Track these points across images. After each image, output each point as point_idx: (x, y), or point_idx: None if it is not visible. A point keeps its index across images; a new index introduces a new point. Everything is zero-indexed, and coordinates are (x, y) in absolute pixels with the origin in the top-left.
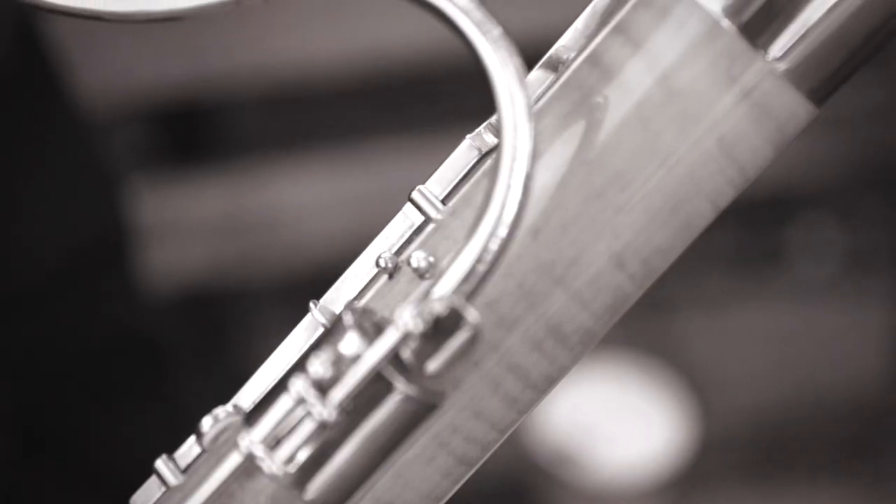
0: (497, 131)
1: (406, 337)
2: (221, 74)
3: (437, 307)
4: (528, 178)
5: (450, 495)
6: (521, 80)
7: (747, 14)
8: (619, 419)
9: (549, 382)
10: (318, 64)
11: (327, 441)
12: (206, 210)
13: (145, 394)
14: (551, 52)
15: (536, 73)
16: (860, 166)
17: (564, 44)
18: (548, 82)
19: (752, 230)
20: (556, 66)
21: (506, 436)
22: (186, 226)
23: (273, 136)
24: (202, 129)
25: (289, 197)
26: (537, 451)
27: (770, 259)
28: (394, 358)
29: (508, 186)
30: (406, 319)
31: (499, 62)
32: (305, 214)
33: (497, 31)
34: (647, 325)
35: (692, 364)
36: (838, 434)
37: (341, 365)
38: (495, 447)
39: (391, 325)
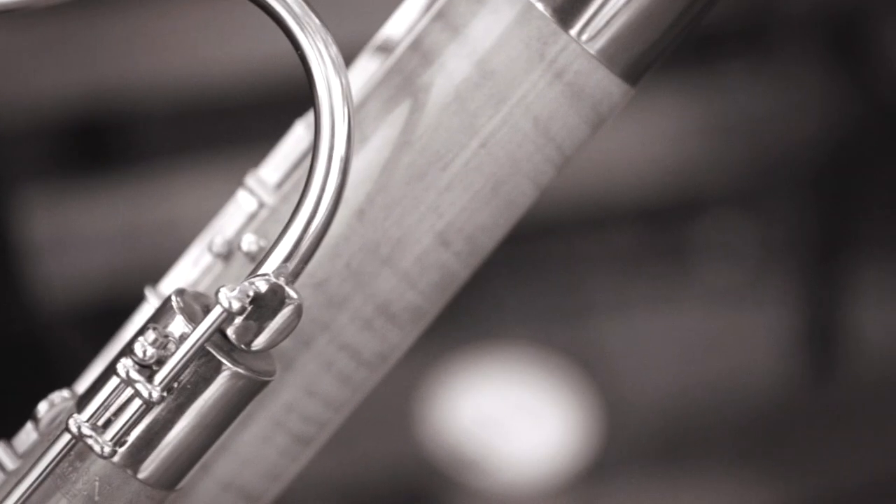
0: (316, 118)
1: (228, 315)
2: (120, 86)
3: (258, 286)
4: (346, 161)
5: (291, 474)
6: (338, 68)
7: None
8: (523, 420)
9: (381, 360)
10: (217, 75)
11: (157, 420)
12: (107, 221)
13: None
14: (382, 38)
15: (366, 60)
16: (766, 167)
17: (394, 30)
18: (375, 68)
19: (659, 231)
20: (386, 53)
21: (343, 414)
22: (87, 237)
23: (173, 147)
24: (102, 141)
25: (189, 208)
26: (437, 455)
27: (677, 260)
28: (221, 337)
29: (327, 170)
30: (227, 298)
31: (315, 51)
32: (206, 225)
33: (316, 22)
34: (554, 325)
35: (599, 364)
36: (748, 433)
37: (168, 345)
38: (334, 426)
39: (215, 305)
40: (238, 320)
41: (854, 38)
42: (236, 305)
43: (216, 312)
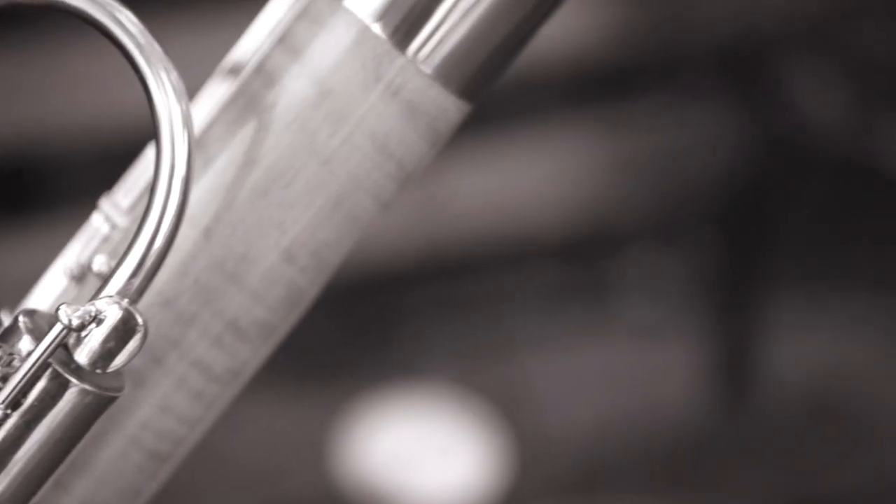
0: (157, 142)
1: (69, 332)
2: (39, 130)
3: (101, 303)
4: (187, 182)
5: (150, 491)
6: (178, 94)
7: (395, 19)
8: (439, 456)
9: (233, 376)
10: (135, 118)
11: (6, 438)
12: (25, 267)
13: None
14: (230, 62)
15: (215, 83)
16: (678, 202)
17: (241, 53)
18: (223, 91)
19: (580, 267)
20: (234, 75)
21: (198, 430)
22: (3, 283)
23: (92, 191)
24: (21, 186)
25: None
26: (352, 491)
27: (595, 295)
28: (68, 356)
29: (168, 191)
30: (66, 316)
31: (156, 78)
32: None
33: (158, 50)
34: (475, 362)
35: (520, 400)
36: (665, 466)
37: (13, 363)
38: (190, 443)
39: (56, 323)
40: (83, 338)
41: (758, 75)
42: (76, 322)
43: (56, 329)
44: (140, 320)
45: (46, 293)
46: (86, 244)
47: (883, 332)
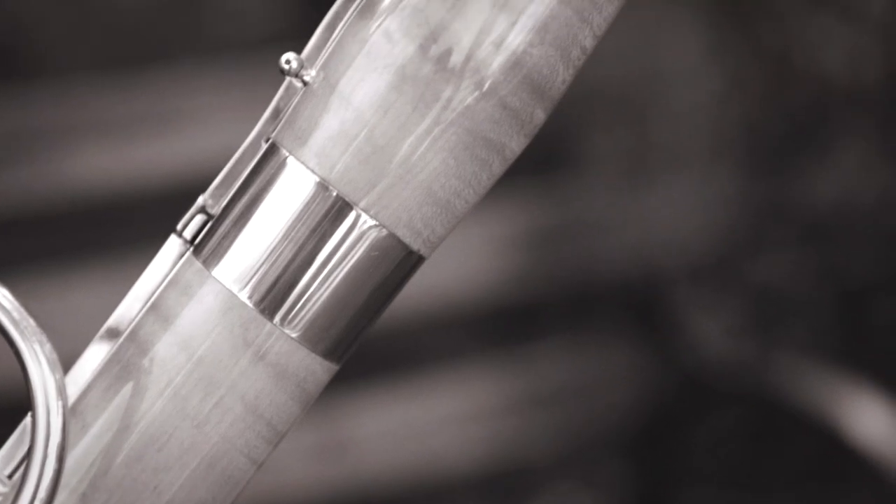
0: (33, 412)
1: None
2: None
3: None
4: (62, 450)
5: None
6: (52, 366)
7: (262, 288)
8: None
9: None
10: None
11: None
12: None
13: None
14: (108, 326)
15: (95, 346)
16: (586, 437)
17: (119, 319)
18: (99, 358)
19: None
20: (112, 341)
21: None
22: None
23: None
24: None
25: None
26: None
27: None
28: None
29: (43, 459)
30: None
31: (31, 352)
32: None
33: (32, 324)
34: None
35: None
36: None
37: None
38: None
39: None
40: None
41: (660, 311)
42: None
43: None
44: None
45: None
46: None
47: None
